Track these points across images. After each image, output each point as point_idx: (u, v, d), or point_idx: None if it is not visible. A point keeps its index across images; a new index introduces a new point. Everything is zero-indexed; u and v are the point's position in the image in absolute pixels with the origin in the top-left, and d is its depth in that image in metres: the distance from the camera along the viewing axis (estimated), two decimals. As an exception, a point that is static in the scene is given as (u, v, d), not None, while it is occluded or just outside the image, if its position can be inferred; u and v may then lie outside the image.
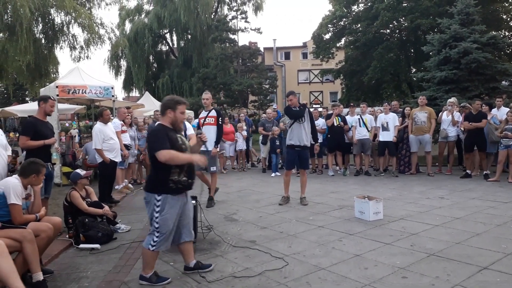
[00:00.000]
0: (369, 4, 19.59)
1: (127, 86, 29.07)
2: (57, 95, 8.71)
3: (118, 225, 5.28)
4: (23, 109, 14.71)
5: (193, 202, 4.68)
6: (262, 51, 34.16)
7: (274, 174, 10.01)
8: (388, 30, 20.28)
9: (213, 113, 6.56)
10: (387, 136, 9.10)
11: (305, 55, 36.49)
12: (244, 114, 12.40)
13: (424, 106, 9.25)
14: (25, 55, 10.57)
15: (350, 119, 9.80)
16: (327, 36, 22.01)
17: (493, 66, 11.09)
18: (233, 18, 23.72)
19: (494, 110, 8.92)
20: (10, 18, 10.08)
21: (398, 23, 19.49)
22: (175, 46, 29.36)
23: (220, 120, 6.57)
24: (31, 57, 10.79)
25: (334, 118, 9.62)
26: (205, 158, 3.47)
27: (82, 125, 23.20)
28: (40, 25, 11.42)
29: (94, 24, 11.30)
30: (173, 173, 3.31)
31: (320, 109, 11.46)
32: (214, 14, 28.09)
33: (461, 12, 11.61)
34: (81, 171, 5.30)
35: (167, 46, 30.55)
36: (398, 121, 9.36)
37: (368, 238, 4.54)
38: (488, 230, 4.67)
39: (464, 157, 9.16)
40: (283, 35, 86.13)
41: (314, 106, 26.71)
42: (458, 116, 8.97)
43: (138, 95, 27.51)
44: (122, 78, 29.10)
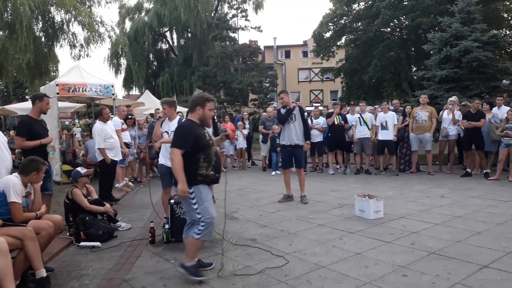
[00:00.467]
0: (369, 2, 19.54)
1: (127, 84, 29.06)
2: (57, 93, 8.71)
3: (118, 223, 5.29)
4: (23, 107, 14.69)
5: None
6: (263, 50, 34.15)
7: (275, 173, 10.01)
8: (388, 29, 20.24)
9: None
10: (386, 135, 9.11)
11: (305, 54, 36.51)
12: (246, 112, 12.38)
13: (425, 105, 9.24)
14: (25, 53, 10.53)
15: (350, 118, 9.80)
16: (328, 34, 21.96)
17: (494, 65, 11.09)
18: (233, 16, 23.70)
19: (495, 109, 8.93)
20: (10, 16, 10.06)
21: (399, 22, 19.45)
22: (175, 44, 29.33)
23: (214, 118, 6.64)
24: (31, 55, 10.76)
25: (334, 117, 9.63)
26: (184, 196, 3.34)
27: (82, 123, 23.22)
28: (40, 23, 11.39)
29: (94, 22, 11.26)
30: (201, 167, 3.38)
31: (321, 107, 11.44)
32: (214, 12, 28.05)
33: (462, 10, 11.60)
34: (81, 169, 5.30)
35: (167, 45, 30.52)
36: (399, 119, 9.37)
37: (368, 237, 4.54)
38: (488, 229, 4.68)
39: (464, 155, 9.18)
40: (284, 34, 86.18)
41: (314, 104, 26.68)
42: (459, 115, 8.96)
43: (138, 94, 27.47)
44: (122, 76, 29.12)
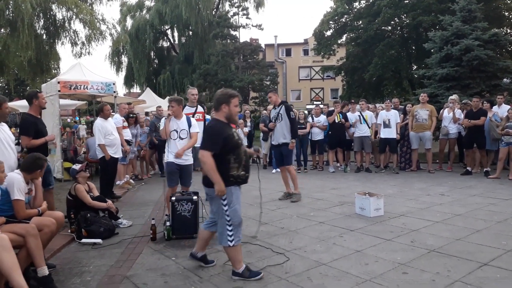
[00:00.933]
0: (370, 1, 19.51)
1: (128, 82, 29.06)
2: (58, 91, 8.73)
3: (120, 220, 5.31)
4: (24, 104, 14.68)
5: (194, 197, 4.72)
6: (263, 48, 34.13)
7: (275, 171, 10.00)
8: (389, 27, 20.23)
9: (200, 109, 6.65)
10: (389, 133, 9.12)
11: (306, 52, 36.47)
12: (248, 111, 12.38)
13: (425, 103, 9.24)
14: (26, 51, 10.54)
15: (351, 116, 9.80)
16: (329, 33, 21.97)
17: (494, 64, 11.07)
18: (234, 14, 23.68)
19: (495, 108, 8.91)
20: (11, 14, 10.06)
21: (400, 20, 19.43)
22: (176, 42, 29.34)
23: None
24: (33, 52, 10.76)
25: (335, 115, 9.64)
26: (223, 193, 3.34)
27: (84, 121, 23.21)
28: (41, 20, 11.37)
29: (96, 20, 11.24)
30: (232, 168, 3.34)
31: (321, 105, 11.45)
32: (215, 10, 28.03)
33: (463, 9, 11.59)
34: (76, 166, 5.33)
35: (168, 42, 30.50)
36: (400, 118, 9.38)
37: (368, 234, 4.56)
38: (488, 227, 4.69)
39: (464, 154, 9.19)
40: (284, 32, 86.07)
41: (315, 102, 26.64)
42: (459, 113, 8.97)
43: (139, 91, 27.50)
44: (123, 74, 29.10)
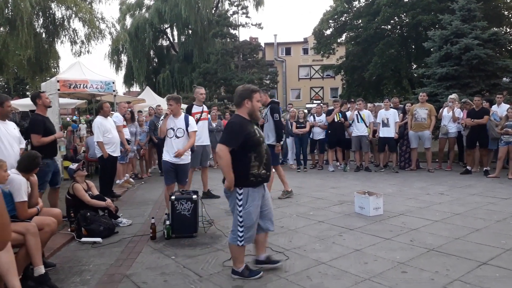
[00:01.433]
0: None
1: (128, 81, 29.00)
2: (58, 90, 8.72)
3: (119, 219, 5.31)
4: (24, 103, 14.68)
5: (194, 197, 4.72)
6: (263, 47, 34.08)
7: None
8: (389, 26, 20.21)
9: (205, 108, 6.78)
10: (388, 132, 9.13)
11: (306, 51, 36.45)
12: None
13: (424, 102, 9.24)
14: (25, 50, 10.54)
15: (349, 115, 9.80)
16: (328, 31, 21.96)
17: (494, 63, 11.09)
18: (234, 13, 23.60)
19: (495, 107, 8.91)
20: (10, 12, 10.06)
21: (399, 19, 19.43)
22: (176, 41, 29.27)
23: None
24: (32, 51, 10.77)
25: (334, 114, 9.65)
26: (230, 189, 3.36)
27: (84, 119, 23.18)
28: (40, 19, 11.38)
29: (95, 18, 11.25)
30: (252, 167, 3.31)
31: (322, 104, 11.45)
32: (215, 9, 27.98)
33: (462, 8, 11.59)
34: (73, 165, 5.33)
35: (168, 41, 30.44)
36: (399, 117, 9.38)
37: (368, 233, 4.57)
38: (487, 226, 4.70)
39: (465, 153, 9.19)
40: (284, 31, 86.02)
41: (315, 101, 26.67)
42: (459, 112, 8.97)
43: (139, 90, 27.47)
44: (122, 73, 29.02)
